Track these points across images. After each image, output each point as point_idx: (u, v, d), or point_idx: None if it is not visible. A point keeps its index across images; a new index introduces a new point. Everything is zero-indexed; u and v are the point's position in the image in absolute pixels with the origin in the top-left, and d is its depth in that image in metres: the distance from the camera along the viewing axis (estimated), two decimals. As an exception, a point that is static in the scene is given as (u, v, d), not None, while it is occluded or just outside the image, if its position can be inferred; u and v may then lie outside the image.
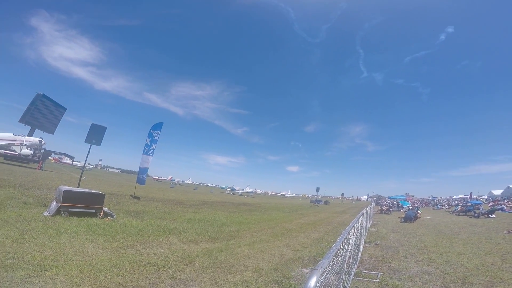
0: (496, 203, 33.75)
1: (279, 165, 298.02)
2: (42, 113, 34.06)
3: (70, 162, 70.61)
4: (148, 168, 18.51)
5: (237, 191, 78.39)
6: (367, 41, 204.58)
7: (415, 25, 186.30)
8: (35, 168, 27.94)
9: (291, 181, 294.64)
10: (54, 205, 7.88)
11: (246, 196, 66.64)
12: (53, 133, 36.71)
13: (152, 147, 18.14)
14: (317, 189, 53.06)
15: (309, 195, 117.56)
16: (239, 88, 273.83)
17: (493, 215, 19.66)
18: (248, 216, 16.43)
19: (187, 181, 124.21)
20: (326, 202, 60.22)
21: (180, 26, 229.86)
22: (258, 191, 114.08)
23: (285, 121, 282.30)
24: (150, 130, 18.50)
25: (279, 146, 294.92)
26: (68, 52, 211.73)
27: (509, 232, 10.90)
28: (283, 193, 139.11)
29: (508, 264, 5.85)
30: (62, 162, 71.97)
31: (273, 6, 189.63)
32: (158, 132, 18.41)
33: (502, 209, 25.10)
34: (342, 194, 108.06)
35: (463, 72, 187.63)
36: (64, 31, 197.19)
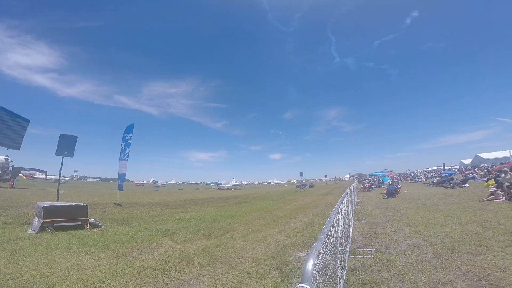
0: (468, 172, 36.38)
1: (262, 154, 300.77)
2: (3, 127, 31.52)
3: (43, 176, 66.73)
4: (125, 174, 17.91)
5: (223, 185, 78.32)
6: (338, 27, 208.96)
7: (382, 10, 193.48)
8: (6, 187, 26.32)
9: (275, 168, 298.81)
10: (36, 222, 7.52)
11: (233, 189, 66.80)
12: (19, 149, 34.17)
13: (126, 151, 17.51)
14: (301, 174, 54.15)
15: (294, 181, 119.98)
16: (215, 82, 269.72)
17: (467, 184, 21.31)
18: (238, 208, 16.58)
19: (170, 182, 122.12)
20: (311, 186, 61.87)
21: (146, 24, 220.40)
22: (244, 182, 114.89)
23: (263, 110, 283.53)
24: (123, 134, 17.78)
25: (260, 135, 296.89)
26: (24, 59, 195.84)
27: (483, 200, 11.86)
28: (269, 181, 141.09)
29: (489, 232, 6.31)
30: (34, 177, 67.79)
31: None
32: (131, 134, 17.65)
33: (474, 178, 27.13)
34: (325, 176, 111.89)
35: (428, 53, 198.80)
36: (18, 37, 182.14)
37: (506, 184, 12.04)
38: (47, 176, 65.63)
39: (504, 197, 11.30)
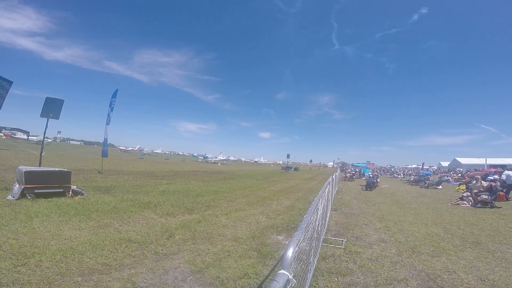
0: (443, 174, 37.87)
1: (252, 131, 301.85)
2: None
3: (25, 137, 64.51)
4: (107, 139, 17.62)
5: (210, 159, 78.32)
6: (342, 15, 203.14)
7: (391, 3, 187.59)
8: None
9: (263, 147, 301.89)
10: (17, 187, 7.39)
11: (219, 164, 67.05)
12: (0, 108, 32.56)
13: (110, 116, 17.20)
14: (288, 156, 54.88)
15: (280, 162, 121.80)
16: (210, 55, 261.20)
17: (440, 186, 22.30)
18: (223, 185, 16.81)
19: (156, 151, 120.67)
20: (296, 169, 63.04)
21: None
22: (231, 158, 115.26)
23: (257, 88, 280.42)
24: (110, 99, 17.36)
25: (252, 112, 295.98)
26: (9, 23, 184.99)
27: (451, 203, 12.46)
28: (256, 160, 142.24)
29: (449, 235, 6.70)
30: (15, 138, 65.41)
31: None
32: (114, 100, 17.32)
33: (448, 181, 28.39)
34: (311, 161, 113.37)
35: (428, 52, 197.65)
36: (3, 1, 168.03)
37: (475, 191, 12.66)
38: (29, 137, 63.49)
39: (470, 203, 11.85)
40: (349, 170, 47.11)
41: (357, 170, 44.70)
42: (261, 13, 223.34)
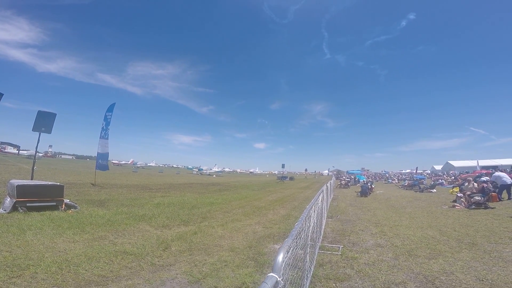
0: (437, 178, 38.40)
1: (247, 142, 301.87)
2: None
3: (16, 151, 63.35)
4: (108, 154, 17.62)
5: (205, 171, 77.97)
6: (332, 24, 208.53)
7: (379, 11, 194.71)
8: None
9: (258, 158, 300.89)
10: (8, 201, 7.28)
11: (214, 175, 66.71)
12: (-12, 120, 32.18)
13: (107, 130, 17.27)
14: (283, 166, 55.15)
15: (276, 172, 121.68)
16: (204, 67, 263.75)
17: (434, 190, 22.56)
18: (219, 196, 16.73)
19: (150, 164, 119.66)
20: (291, 178, 63.00)
21: (136, 3, 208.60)
22: (226, 169, 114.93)
23: (251, 99, 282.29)
24: (105, 113, 17.46)
25: (246, 123, 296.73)
26: (1, 34, 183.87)
27: (446, 206, 12.62)
28: (251, 170, 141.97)
29: (445, 237, 6.77)
30: (5, 152, 64.12)
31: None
32: (111, 114, 17.49)
33: (441, 184, 28.75)
34: (306, 170, 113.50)
35: (417, 56, 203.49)
36: None
37: (468, 192, 12.89)
38: (20, 151, 62.31)
39: (464, 205, 12.04)
40: (344, 177, 47.34)
41: (352, 177, 44.94)
42: (253, 24, 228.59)
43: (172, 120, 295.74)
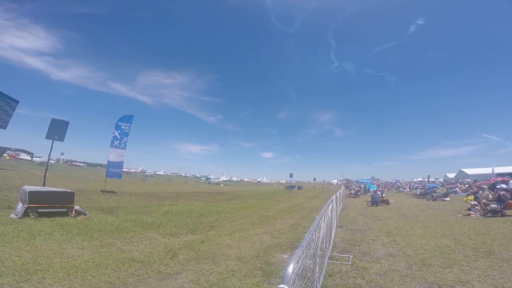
0: (450, 186, 37.39)
1: (254, 151, 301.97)
2: (-10, 107, 30.61)
3: (29, 158, 65.10)
4: (122, 163, 18.01)
5: (213, 180, 77.90)
6: (340, 32, 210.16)
7: (387, 17, 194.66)
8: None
9: (265, 167, 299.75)
10: (20, 206, 7.43)
11: (222, 184, 66.60)
12: (5, 128, 33.39)
13: (124, 140, 17.68)
14: (291, 175, 54.54)
15: (283, 181, 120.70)
16: (212, 76, 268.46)
17: (448, 198, 21.95)
18: (226, 205, 16.65)
19: (159, 172, 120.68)
20: (299, 188, 62.40)
21: (148, 13, 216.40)
22: (234, 178, 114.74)
23: (258, 108, 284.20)
24: (117, 122, 17.85)
25: (253, 133, 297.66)
26: (19, 42, 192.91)
27: (460, 214, 12.26)
28: (259, 179, 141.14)
29: (460, 246, 6.54)
30: (19, 158, 66.00)
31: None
32: (129, 125, 18.01)
33: (455, 192, 27.96)
34: (314, 179, 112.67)
35: (427, 62, 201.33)
36: (15, 20, 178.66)
37: (483, 200, 12.49)
38: (33, 158, 64.03)
39: (479, 213, 11.67)
40: (353, 186, 46.56)
41: (361, 186, 44.17)
42: (261, 34, 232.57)
43: (180, 129, 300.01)
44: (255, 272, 4.78)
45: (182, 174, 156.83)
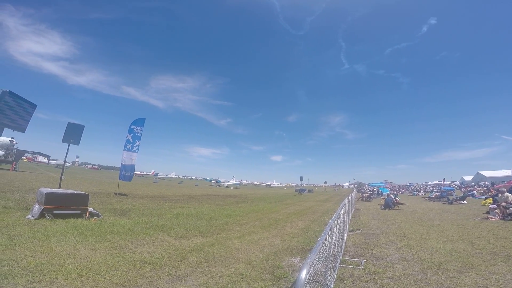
0: (467, 189, 36.15)
1: (264, 155, 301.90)
2: (10, 111, 31.88)
3: (46, 161, 67.43)
4: (134, 166, 18.34)
5: (223, 183, 78.41)
6: (350, 33, 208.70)
7: (398, 18, 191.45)
8: (9, 169, 26.60)
9: (275, 170, 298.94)
10: (37, 208, 7.66)
11: (232, 187, 66.92)
12: (24, 132, 34.78)
13: (136, 144, 18.03)
14: (301, 178, 54.14)
15: (293, 184, 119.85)
16: (222, 79, 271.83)
17: (465, 201, 21.17)
18: (236, 208, 16.65)
19: (170, 175, 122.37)
20: (310, 191, 61.76)
21: (159, 18, 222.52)
22: (244, 182, 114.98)
23: (268, 111, 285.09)
24: (130, 126, 18.18)
25: (263, 136, 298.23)
26: (37, 47, 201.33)
27: (478, 218, 11.81)
28: (268, 183, 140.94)
29: (478, 250, 6.31)
30: (36, 161, 68.48)
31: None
32: (141, 128, 18.28)
33: (472, 195, 26.97)
34: (325, 182, 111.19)
35: (441, 63, 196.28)
36: (32, 25, 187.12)
37: (503, 204, 12.00)
38: (49, 161, 66.28)
39: (498, 217, 11.26)
40: (365, 190, 45.65)
41: (374, 189, 43.25)
42: (270, 37, 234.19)
43: (191, 133, 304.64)
44: (265, 276, 4.74)
45: (193, 177, 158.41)
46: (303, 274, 1.56)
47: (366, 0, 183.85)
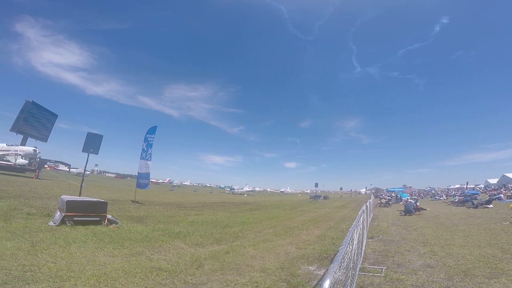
0: (493, 192, 34.32)
1: (277, 162, 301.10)
2: (33, 121, 33.54)
3: (67, 169, 70.25)
4: (149, 174, 18.76)
5: (237, 190, 78.59)
6: (360, 36, 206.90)
7: (409, 18, 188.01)
8: (32, 177, 27.82)
9: (289, 177, 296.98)
10: (58, 215, 7.94)
11: (245, 195, 66.84)
12: (46, 141, 36.47)
13: (149, 152, 18.42)
14: (316, 185, 53.45)
15: (308, 191, 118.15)
16: (234, 87, 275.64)
17: (491, 205, 20.10)
18: (250, 215, 16.58)
19: (185, 183, 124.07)
20: (325, 197, 60.63)
21: (172, 28, 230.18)
22: (257, 189, 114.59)
23: (280, 118, 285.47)
24: (145, 135, 18.73)
25: (276, 143, 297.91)
26: (56, 58, 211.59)
27: (510, 222, 11.14)
28: (282, 190, 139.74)
29: (508, 255, 6.01)
30: (58, 169, 71.51)
31: (266, 5, 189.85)
32: (153, 136, 18.75)
33: (499, 198, 25.57)
34: (341, 188, 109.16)
35: (457, 62, 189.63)
36: (51, 36, 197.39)
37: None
38: (70, 169, 69.01)
39: None
40: (384, 195, 44.23)
41: (393, 195, 41.82)
42: (279, 44, 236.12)
43: (205, 141, 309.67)
44: (280, 284, 4.64)
45: (207, 185, 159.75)
46: (326, 284, 1.55)
47: (374, 3, 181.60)
